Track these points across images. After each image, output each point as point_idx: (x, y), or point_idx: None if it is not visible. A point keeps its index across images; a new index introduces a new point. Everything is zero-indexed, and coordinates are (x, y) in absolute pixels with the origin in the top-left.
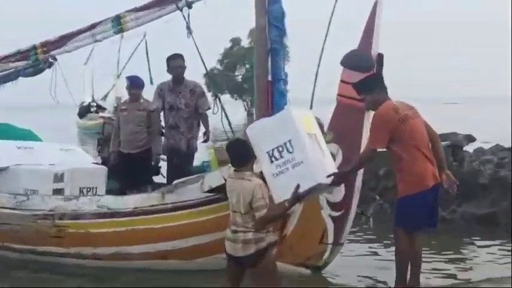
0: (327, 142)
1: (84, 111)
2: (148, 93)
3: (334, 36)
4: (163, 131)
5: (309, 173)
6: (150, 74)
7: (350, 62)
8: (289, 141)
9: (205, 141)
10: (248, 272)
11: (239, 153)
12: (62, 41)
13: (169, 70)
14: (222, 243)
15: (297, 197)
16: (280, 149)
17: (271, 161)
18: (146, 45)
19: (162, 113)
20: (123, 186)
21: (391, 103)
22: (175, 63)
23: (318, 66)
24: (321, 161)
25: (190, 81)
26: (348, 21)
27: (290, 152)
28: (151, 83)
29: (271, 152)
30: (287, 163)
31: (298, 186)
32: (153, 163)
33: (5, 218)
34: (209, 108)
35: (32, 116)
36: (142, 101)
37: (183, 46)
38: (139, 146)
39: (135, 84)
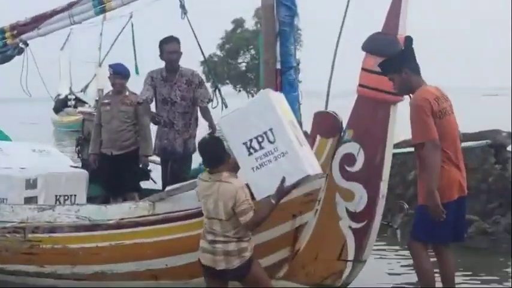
0: (346, 141)
1: (60, 106)
2: (133, 86)
3: (354, 15)
4: (159, 119)
5: (296, 164)
6: (135, 62)
7: (373, 46)
8: (270, 129)
9: None
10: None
11: (214, 152)
12: (35, 23)
13: (162, 56)
14: None
15: (284, 192)
16: (260, 139)
17: (250, 153)
18: (132, 28)
19: (154, 106)
20: (106, 193)
21: (431, 90)
22: (170, 47)
23: (335, 51)
24: (304, 150)
25: (186, 69)
26: None
27: (271, 142)
28: (137, 72)
29: (248, 143)
30: (268, 154)
31: (283, 180)
32: (141, 166)
33: None
34: (210, 101)
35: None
36: (128, 93)
37: (177, 29)
38: (125, 146)
39: (119, 73)
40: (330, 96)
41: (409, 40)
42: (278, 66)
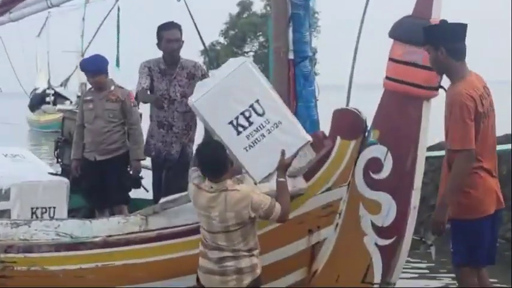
0: (371, 144)
1: (37, 102)
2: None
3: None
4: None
5: (293, 132)
6: (117, 53)
7: (401, 32)
8: (257, 101)
9: None
10: None
11: (218, 159)
12: (5, 6)
13: (159, 44)
14: None
15: (286, 166)
16: (247, 113)
17: (239, 132)
18: (118, 12)
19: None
20: (90, 205)
21: (476, 83)
22: (170, 35)
23: (358, 37)
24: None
25: (188, 60)
26: None
27: (261, 115)
28: (117, 65)
29: (235, 121)
30: (260, 129)
31: (283, 152)
32: (131, 173)
33: None
34: None
35: None
36: (113, 88)
37: (172, 13)
38: (111, 150)
39: (88, 71)
40: (352, 90)
41: None
42: (291, 56)
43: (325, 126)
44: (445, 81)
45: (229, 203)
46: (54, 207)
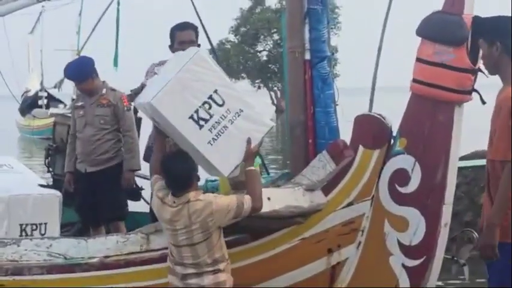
0: (397, 153)
1: (28, 106)
2: (111, 83)
3: None
4: None
5: (256, 119)
6: (116, 52)
7: (430, 29)
8: (215, 91)
9: None
10: None
11: (181, 175)
12: None
13: (172, 46)
14: None
15: (253, 154)
16: (207, 106)
17: (201, 126)
18: (118, 7)
19: None
20: (83, 222)
21: None
22: (183, 36)
23: (382, 36)
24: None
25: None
26: None
27: (221, 105)
28: (115, 65)
29: (195, 115)
30: (222, 120)
31: (249, 141)
32: (123, 185)
33: None
34: None
35: None
36: (104, 91)
37: (176, 9)
38: (102, 160)
39: (76, 77)
40: (376, 93)
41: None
42: (307, 56)
43: (346, 134)
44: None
45: (193, 214)
46: (45, 223)
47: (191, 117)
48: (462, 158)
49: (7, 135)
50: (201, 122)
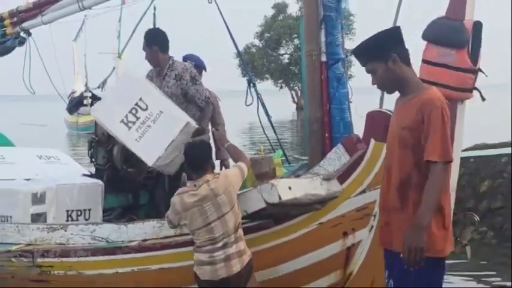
0: None
1: (75, 105)
2: None
3: None
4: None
5: (174, 117)
6: None
7: (435, 34)
8: (140, 98)
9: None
10: None
11: (199, 156)
12: (37, 9)
13: None
14: (270, 284)
15: (220, 136)
16: (134, 111)
17: (129, 128)
18: (154, 12)
19: None
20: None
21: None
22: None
23: None
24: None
25: (179, 63)
26: None
27: (145, 109)
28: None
29: (125, 119)
30: (146, 121)
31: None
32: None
33: None
34: (205, 100)
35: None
36: None
37: (205, 15)
38: None
39: (199, 66)
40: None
41: (478, 26)
42: (323, 58)
43: (359, 128)
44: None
45: (215, 189)
46: (89, 210)
47: (122, 121)
48: (464, 150)
49: (56, 131)
50: (130, 124)
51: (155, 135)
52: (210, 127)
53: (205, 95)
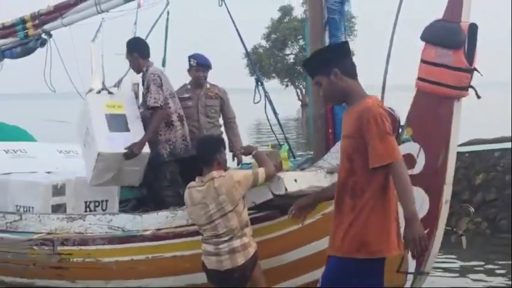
0: (404, 141)
1: None
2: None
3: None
4: None
5: (95, 145)
6: (164, 54)
7: (433, 35)
8: (89, 122)
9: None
10: None
11: (206, 149)
12: (58, 11)
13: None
14: (276, 272)
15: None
16: (86, 133)
17: (85, 146)
18: (168, 16)
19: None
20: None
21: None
22: None
23: (391, 40)
24: (110, 135)
25: (152, 68)
26: None
27: (87, 130)
28: (163, 65)
29: (84, 137)
30: (88, 144)
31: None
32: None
33: None
34: (153, 106)
35: (20, 107)
36: (209, 86)
37: (216, 17)
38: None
39: (203, 65)
40: (386, 90)
41: (473, 28)
42: None
43: None
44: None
45: (219, 188)
46: (106, 201)
47: (83, 140)
48: (460, 145)
49: (75, 126)
50: (86, 144)
51: (89, 159)
52: (222, 122)
53: (151, 103)
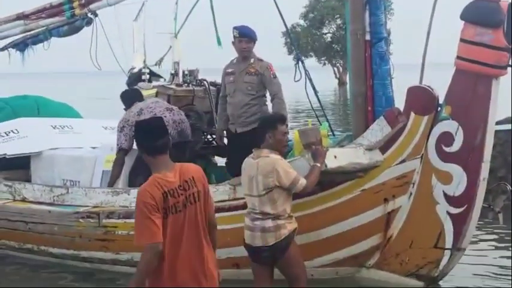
0: (443, 119)
1: (134, 80)
2: (220, 60)
3: None
4: None
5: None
6: (216, 33)
7: (472, 14)
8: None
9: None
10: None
11: (259, 129)
12: None
13: None
14: (311, 248)
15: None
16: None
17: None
18: None
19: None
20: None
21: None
22: None
23: (431, 18)
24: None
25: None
26: None
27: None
28: (219, 43)
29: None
30: None
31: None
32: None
33: (40, 215)
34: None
35: (67, 85)
36: (252, 60)
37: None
38: (250, 122)
39: (245, 35)
40: (425, 68)
41: None
42: (367, 37)
43: (400, 102)
44: None
45: (260, 167)
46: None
47: None
48: (497, 123)
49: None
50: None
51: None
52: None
53: (118, 145)
